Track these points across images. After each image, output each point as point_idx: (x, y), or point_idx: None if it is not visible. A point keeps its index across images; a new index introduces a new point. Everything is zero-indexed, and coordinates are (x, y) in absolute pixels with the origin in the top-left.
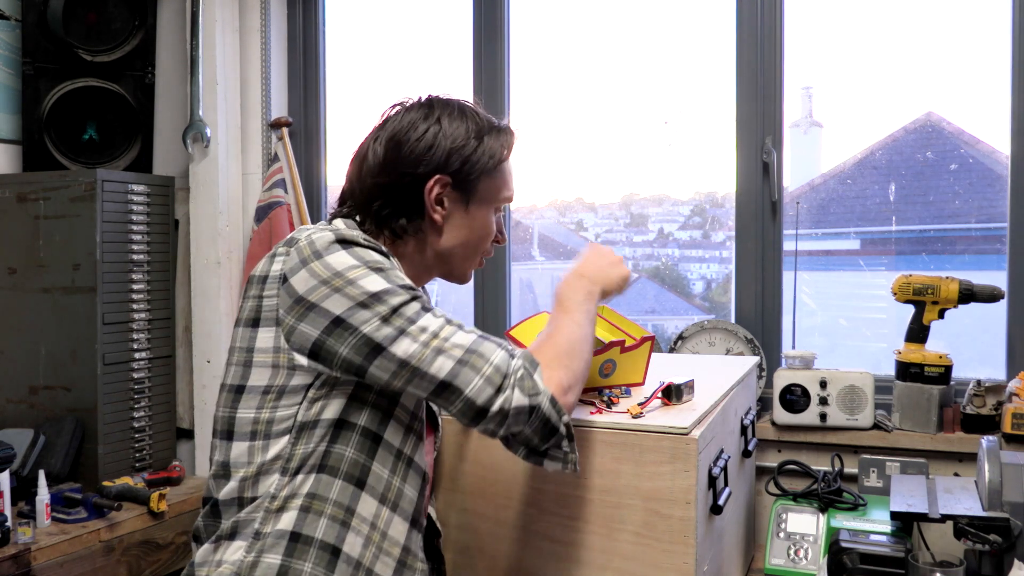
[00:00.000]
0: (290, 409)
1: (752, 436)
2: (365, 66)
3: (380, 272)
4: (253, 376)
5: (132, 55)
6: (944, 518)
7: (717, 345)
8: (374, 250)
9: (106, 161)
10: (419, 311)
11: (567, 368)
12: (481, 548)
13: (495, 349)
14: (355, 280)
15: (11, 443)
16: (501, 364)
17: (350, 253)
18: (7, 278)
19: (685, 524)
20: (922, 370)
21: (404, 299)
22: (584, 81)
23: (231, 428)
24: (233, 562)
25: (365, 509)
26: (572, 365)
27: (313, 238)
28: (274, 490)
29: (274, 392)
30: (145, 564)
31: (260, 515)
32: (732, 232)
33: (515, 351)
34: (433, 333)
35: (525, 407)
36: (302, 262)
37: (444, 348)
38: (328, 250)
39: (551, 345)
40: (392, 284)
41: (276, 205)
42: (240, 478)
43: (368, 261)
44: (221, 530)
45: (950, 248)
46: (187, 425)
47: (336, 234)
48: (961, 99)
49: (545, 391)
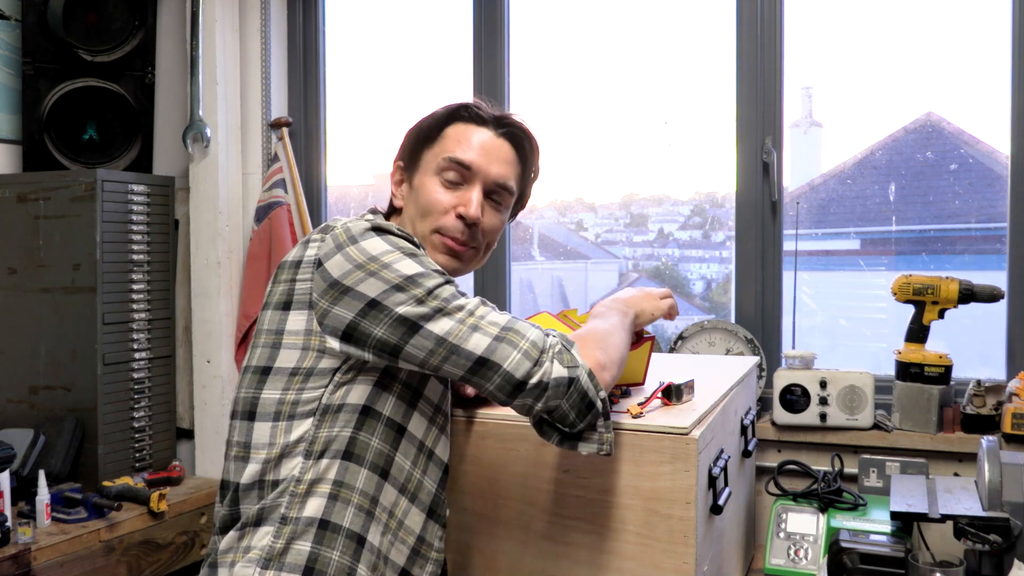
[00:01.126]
0: (316, 391)
1: (752, 436)
2: (365, 66)
3: (414, 257)
4: (281, 357)
5: (132, 55)
6: (944, 518)
7: (717, 345)
8: (407, 240)
9: (106, 161)
10: (454, 293)
11: (603, 350)
12: (481, 548)
13: (530, 327)
14: (390, 264)
15: (11, 443)
16: (537, 340)
17: (384, 239)
18: (7, 278)
19: (685, 524)
20: (922, 370)
21: (439, 281)
22: (584, 81)
23: (254, 409)
24: (262, 547)
25: (386, 499)
26: (608, 348)
27: (349, 225)
28: (298, 473)
29: (302, 374)
30: (145, 564)
31: (286, 500)
32: (732, 232)
33: (550, 330)
34: (469, 311)
35: (564, 379)
36: (337, 247)
37: (480, 325)
38: (363, 236)
39: (584, 333)
40: (426, 268)
41: (276, 205)
42: (263, 460)
43: (402, 247)
44: (246, 517)
45: (950, 248)
46: (187, 425)
47: (372, 222)
48: (961, 99)
49: (584, 364)
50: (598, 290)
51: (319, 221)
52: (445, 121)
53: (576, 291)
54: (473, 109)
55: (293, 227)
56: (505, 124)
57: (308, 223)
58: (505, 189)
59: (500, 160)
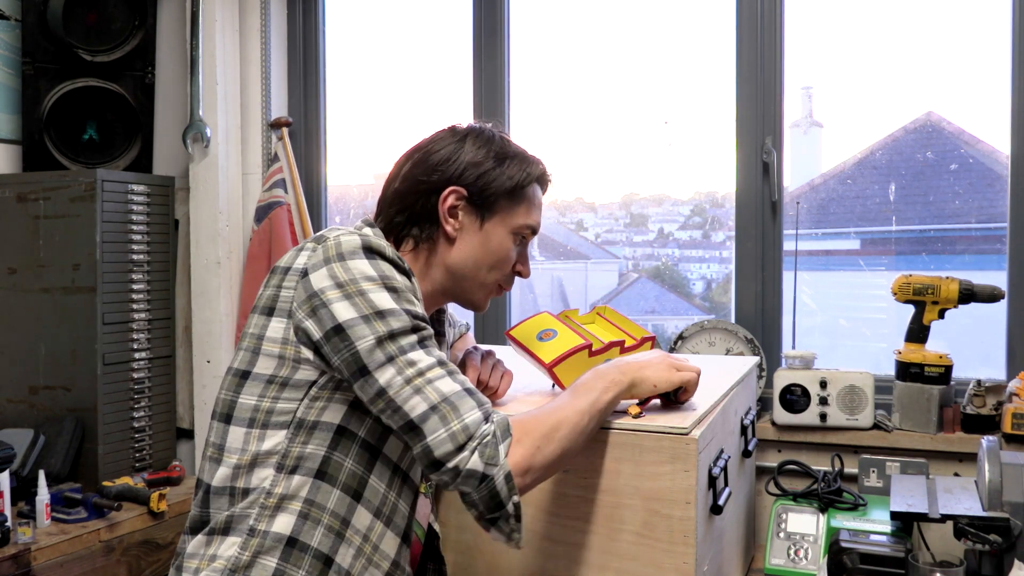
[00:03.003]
0: (291, 403)
1: (752, 436)
2: (365, 66)
3: (393, 292)
4: (260, 363)
5: (132, 55)
6: (944, 518)
7: (717, 345)
8: (396, 266)
9: (106, 161)
10: (414, 343)
11: (539, 450)
12: (481, 548)
13: (472, 408)
14: (366, 292)
15: (11, 443)
16: (471, 424)
17: (371, 263)
18: (7, 278)
19: (685, 524)
20: (922, 370)
21: (404, 326)
22: (584, 81)
23: (231, 412)
24: (228, 558)
25: (360, 521)
26: (545, 448)
27: (341, 239)
28: (269, 485)
29: (278, 383)
30: (145, 564)
31: (255, 511)
32: (732, 232)
33: (494, 415)
34: (419, 370)
35: (478, 473)
36: (325, 260)
37: (423, 388)
38: (352, 254)
39: (536, 422)
40: (399, 307)
41: (276, 205)
42: (233, 465)
43: (385, 276)
44: (215, 522)
45: (950, 248)
46: (187, 425)
47: (364, 240)
48: (961, 99)
49: (504, 465)
50: (598, 290)
51: (319, 221)
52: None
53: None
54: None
55: (293, 227)
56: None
57: (308, 223)
58: None
59: None
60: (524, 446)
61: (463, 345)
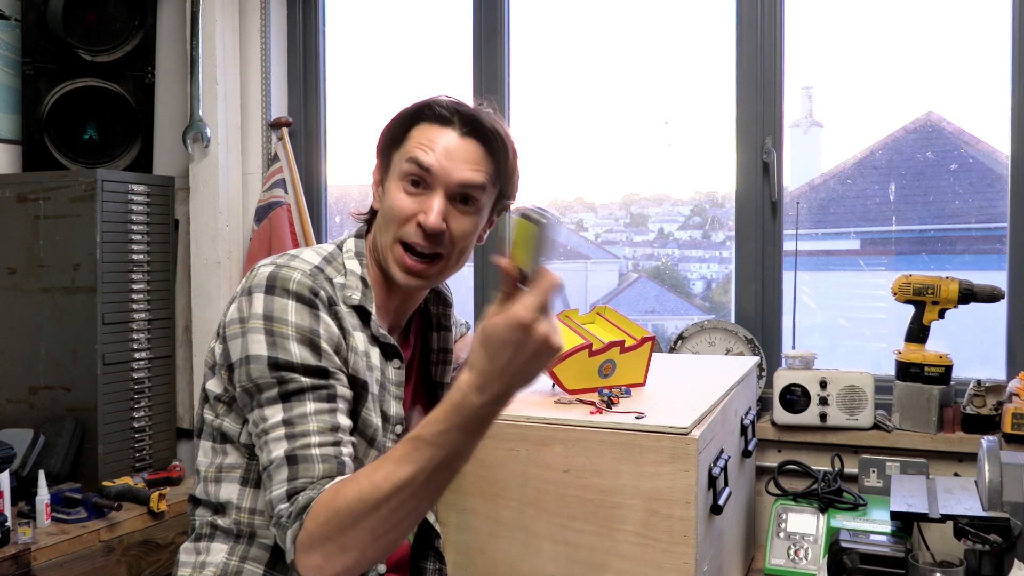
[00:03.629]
0: (235, 425)
1: (752, 436)
2: (365, 66)
3: (270, 334)
4: (213, 382)
5: (132, 55)
6: (944, 518)
7: (717, 345)
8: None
9: (106, 161)
10: (273, 397)
11: (335, 544)
12: (481, 548)
13: (280, 483)
14: (247, 333)
15: (11, 443)
16: (274, 500)
17: (267, 299)
18: (7, 278)
19: (685, 524)
20: (922, 370)
21: (266, 378)
22: (584, 81)
23: (201, 427)
24: (217, 564)
25: None
26: (344, 540)
27: (259, 271)
28: (237, 500)
29: (224, 401)
30: (145, 564)
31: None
32: (732, 232)
33: (301, 491)
34: (263, 429)
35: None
36: (240, 291)
37: (262, 448)
38: (256, 288)
39: (345, 502)
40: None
41: (276, 205)
42: (203, 478)
43: (272, 316)
44: (201, 530)
45: (950, 248)
46: (187, 425)
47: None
48: (961, 99)
49: (290, 552)
50: (598, 290)
51: (319, 221)
52: (410, 121)
53: (576, 291)
54: (436, 108)
55: (293, 227)
56: (470, 122)
57: (308, 223)
58: (473, 187)
59: (465, 161)
60: (319, 540)
61: (464, 345)
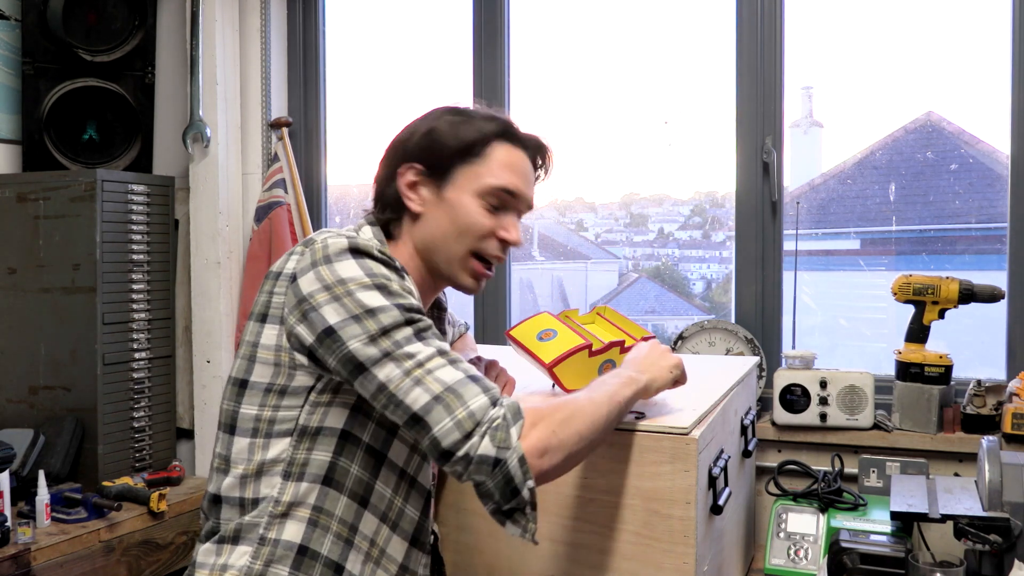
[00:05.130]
0: (292, 411)
1: (752, 436)
2: (365, 66)
3: (382, 289)
4: (256, 371)
5: (132, 55)
6: (944, 518)
7: (717, 345)
8: (386, 264)
9: (106, 161)
10: (410, 336)
11: (554, 433)
12: (481, 548)
13: (477, 394)
14: (354, 292)
15: (11, 443)
16: (477, 410)
17: (359, 263)
18: (7, 278)
19: (685, 524)
20: (922, 370)
21: (397, 321)
22: (584, 81)
23: (233, 423)
24: (240, 567)
25: (367, 527)
26: (562, 432)
27: (328, 242)
28: (277, 493)
29: (276, 391)
30: (145, 564)
31: (264, 520)
32: (732, 232)
33: (503, 400)
34: (418, 362)
35: (490, 458)
36: (312, 264)
37: (423, 380)
38: (339, 256)
39: (552, 407)
40: (390, 302)
41: (276, 205)
42: (240, 475)
43: (374, 274)
44: (224, 531)
45: (950, 248)
46: (187, 425)
47: (351, 241)
48: (961, 99)
49: (517, 447)
50: (598, 290)
51: (319, 221)
52: (490, 139)
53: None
54: (517, 132)
55: (293, 227)
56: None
57: (308, 223)
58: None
59: (531, 183)
60: (539, 428)
61: (462, 346)
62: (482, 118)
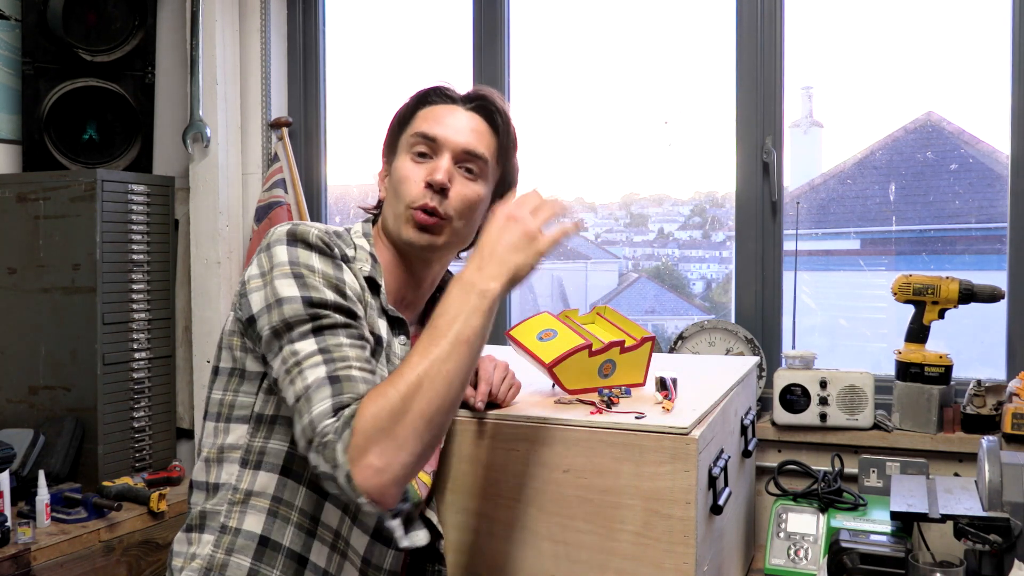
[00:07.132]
0: (248, 397)
1: (752, 436)
2: (365, 66)
3: (299, 278)
4: (223, 358)
5: (132, 55)
6: (944, 518)
7: (717, 345)
8: (321, 251)
9: (106, 161)
10: (306, 332)
11: (387, 446)
12: (481, 548)
13: (323, 399)
14: (274, 280)
15: (11, 443)
16: (316, 419)
17: (289, 249)
18: (7, 278)
19: (685, 524)
20: (922, 370)
21: (299, 315)
22: (584, 81)
23: (207, 408)
24: (204, 556)
25: (329, 518)
26: (401, 435)
27: (276, 229)
28: (235, 481)
29: (236, 375)
30: (145, 564)
31: (224, 508)
32: (732, 232)
33: (347, 406)
34: (296, 360)
35: (327, 474)
36: (258, 250)
37: (295, 379)
38: (276, 243)
39: (390, 407)
40: (300, 293)
41: (276, 205)
42: (204, 458)
43: (297, 262)
44: (191, 518)
45: (950, 248)
46: (187, 425)
47: (293, 228)
48: (961, 99)
49: (343, 465)
50: (598, 290)
51: (319, 221)
52: (416, 105)
53: (576, 291)
54: (442, 90)
55: None
56: (473, 99)
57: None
58: (477, 157)
59: (469, 130)
60: (371, 445)
61: None
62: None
